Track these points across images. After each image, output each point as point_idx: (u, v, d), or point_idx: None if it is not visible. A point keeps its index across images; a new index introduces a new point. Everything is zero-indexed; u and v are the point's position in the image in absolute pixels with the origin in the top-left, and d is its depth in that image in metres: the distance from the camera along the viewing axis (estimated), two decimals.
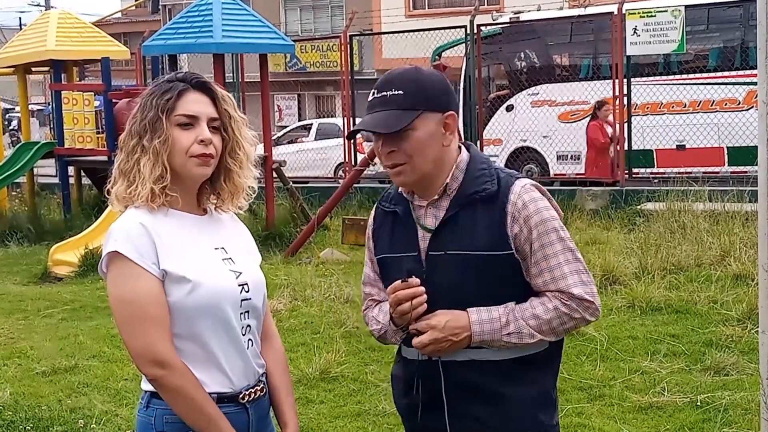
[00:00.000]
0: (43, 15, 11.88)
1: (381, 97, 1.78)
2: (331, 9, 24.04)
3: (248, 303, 1.81)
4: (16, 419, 4.03)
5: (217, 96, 1.82)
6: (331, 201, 8.44)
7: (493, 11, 15.01)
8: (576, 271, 1.77)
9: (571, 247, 1.80)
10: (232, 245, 1.85)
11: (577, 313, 1.76)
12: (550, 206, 1.80)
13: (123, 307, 1.72)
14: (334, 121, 16.07)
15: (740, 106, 10.95)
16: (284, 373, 1.92)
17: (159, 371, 1.70)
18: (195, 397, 1.71)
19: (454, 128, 1.81)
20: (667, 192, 7.91)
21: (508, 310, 1.76)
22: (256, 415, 1.83)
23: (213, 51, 8.24)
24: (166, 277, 1.72)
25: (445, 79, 1.83)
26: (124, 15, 31.59)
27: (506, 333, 1.73)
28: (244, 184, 1.86)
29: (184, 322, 1.74)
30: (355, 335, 5.23)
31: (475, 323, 1.74)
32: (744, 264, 5.97)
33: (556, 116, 12.10)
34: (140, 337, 1.70)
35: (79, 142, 9.96)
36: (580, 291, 1.76)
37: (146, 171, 1.74)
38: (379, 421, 3.93)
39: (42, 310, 6.43)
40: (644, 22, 10.29)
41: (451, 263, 1.76)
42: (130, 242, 1.71)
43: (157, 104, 1.77)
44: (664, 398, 4.00)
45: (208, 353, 1.75)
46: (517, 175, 1.82)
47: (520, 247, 1.76)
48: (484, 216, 1.76)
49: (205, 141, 1.77)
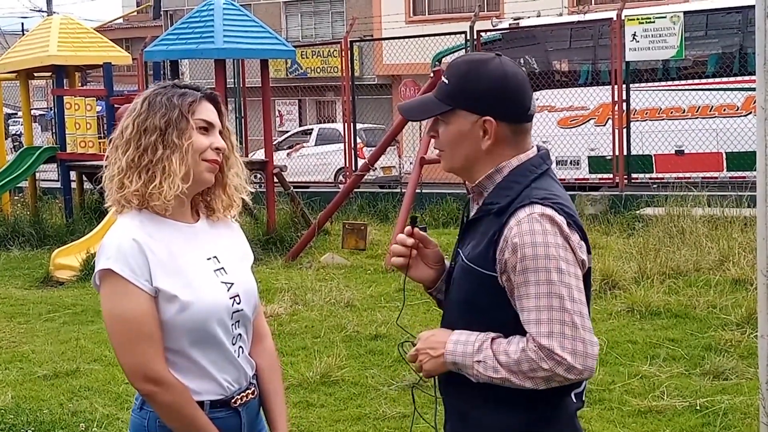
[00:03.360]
0: (46, 20, 11.93)
1: (441, 80, 1.76)
2: (331, 15, 24.11)
3: (239, 314, 1.84)
4: (17, 423, 4.04)
5: (221, 111, 1.87)
6: (331, 206, 8.46)
7: (493, 17, 15.05)
8: (553, 321, 1.57)
9: (561, 293, 1.58)
10: (225, 252, 1.86)
11: (545, 363, 1.57)
12: (555, 244, 1.59)
13: (117, 325, 1.73)
14: (335, 126, 16.10)
15: (739, 111, 10.98)
16: (274, 374, 1.95)
17: (152, 388, 1.72)
18: (187, 414, 1.75)
19: (495, 135, 1.68)
20: (666, 197, 7.93)
21: (486, 337, 1.65)
22: (248, 417, 1.86)
23: (214, 57, 8.28)
24: (159, 294, 1.74)
25: (505, 81, 1.67)
26: (126, 21, 31.68)
27: (476, 360, 1.63)
28: (237, 196, 1.89)
29: (176, 338, 1.76)
30: (356, 339, 5.25)
31: (450, 341, 1.67)
32: (743, 269, 5.99)
33: (556, 122, 12.13)
34: (134, 355, 1.72)
35: (81, 147, 10.00)
36: (548, 342, 1.57)
37: (176, 167, 1.75)
38: (379, 425, 3.95)
39: (44, 314, 6.45)
40: (643, 28, 10.33)
41: (459, 265, 1.75)
42: (124, 260, 1.72)
43: (180, 103, 1.78)
44: (664, 402, 4.02)
45: (199, 366, 1.78)
46: (536, 200, 1.63)
47: (509, 275, 1.62)
48: (489, 230, 1.66)
49: (219, 149, 1.81)
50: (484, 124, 1.68)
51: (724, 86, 11.13)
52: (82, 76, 12.83)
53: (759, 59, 2.74)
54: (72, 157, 10.13)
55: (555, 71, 12.79)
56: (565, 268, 1.59)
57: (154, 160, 1.76)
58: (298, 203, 9.34)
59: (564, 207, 1.65)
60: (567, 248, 1.61)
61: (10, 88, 15.67)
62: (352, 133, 12.41)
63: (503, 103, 1.68)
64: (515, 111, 1.69)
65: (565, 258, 1.60)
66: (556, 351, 1.57)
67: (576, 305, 1.59)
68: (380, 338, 5.25)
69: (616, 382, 4.32)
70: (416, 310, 5.70)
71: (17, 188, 11.29)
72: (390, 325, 5.45)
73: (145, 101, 1.81)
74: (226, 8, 8.33)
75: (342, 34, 14.53)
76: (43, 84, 20.32)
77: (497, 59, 1.70)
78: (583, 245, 1.65)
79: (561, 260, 1.59)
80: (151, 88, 1.86)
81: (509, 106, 1.68)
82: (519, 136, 1.71)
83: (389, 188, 12.28)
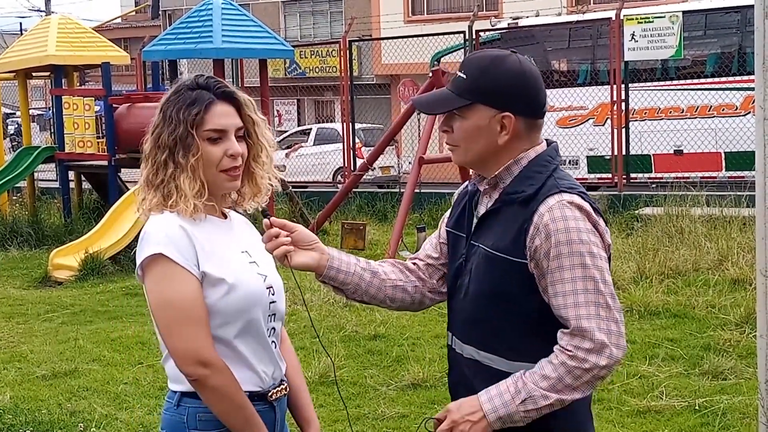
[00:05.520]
0: (44, 20, 11.92)
1: (455, 74, 1.75)
2: (330, 15, 24.10)
3: (275, 306, 1.86)
4: (16, 423, 4.04)
5: (241, 104, 1.82)
6: (330, 205, 8.46)
7: (491, 17, 15.06)
8: (589, 303, 1.62)
9: (595, 276, 1.63)
10: (254, 248, 1.88)
11: (587, 363, 1.61)
12: (586, 229, 1.64)
13: (167, 310, 1.73)
14: (333, 126, 16.10)
15: (737, 111, 10.99)
16: (300, 373, 1.98)
17: (204, 371, 1.71)
18: (235, 398, 1.74)
19: (512, 130, 1.70)
20: (665, 197, 7.93)
21: (515, 378, 1.66)
22: (281, 412, 1.88)
23: (213, 56, 8.29)
24: (205, 278, 1.75)
25: (524, 77, 1.70)
26: (125, 20, 31.66)
27: (520, 401, 1.63)
28: (266, 184, 1.89)
29: (218, 324, 1.76)
30: (354, 339, 5.25)
31: (484, 401, 1.65)
32: (742, 268, 5.99)
33: (554, 121, 12.13)
34: (185, 338, 1.72)
35: (79, 146, 9.98)
36: (588, 324, 1.61)
37: (186, 187, 1.75)
38: (378, 425, 3.94)
39: (42, 314, 6.44)
40: (642, 28, 10.34)
41: (479, 256, 1.74)
42: (173, 244, 1.72)
43: (185, 118, 1.76)
44: (663, 402, 4.02)
45: (238, 354, 1.78)
46: (563, 188, 1.67)
47: (539, 261, 1.65)
48: (516, 218, 1.68)
49: (234, 155, 1.78)
50: (502, 120, 1.70)
51: (722, 86, 11.14)
52: (80, 76, 12.82)
53: (758, 59, 2.74)
54: (70, 156, 10.12)
55: (554, 71, 12.79)
56: (596, 252, 1.65)
57: (166, 178, 1.77)
58: (297, 203, 9.35)
59: (587, 196, 1.71)
60: (596, 233, 1.67)
61: (9, 88, 15.66)
62: (350, 133, 12.41)
63: (521, 99, 1.71)
64: (532, 106, 1.73)
65: (595, 243, 1.65)
66: (594, 333, 1.61)
67: (608, 287, 1.65)
68: (379, 338, 5.25)
69: (614, 381, 4.32)
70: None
71: (15, 188, 11.28)
72: (389, 325, 5.45)
73: (161, 112, 1.80)
74: (225, 8, 8.33)
75: (341, 33, 14.52)
76: (41, 84, 20.33)
77: (514, 56, 1.73)
78: (607, 231, 1.71)
79: (592, 245, 1.65)
80: (170, 91, 1.83)
81: (527, 101, 1.72)
82: (533, 131, 1.75)
83: (388, 188, 12.28)
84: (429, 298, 1.92)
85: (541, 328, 1.68)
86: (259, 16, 14.73)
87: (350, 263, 1.86)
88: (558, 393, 1.63)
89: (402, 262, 1.95)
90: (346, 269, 1.85)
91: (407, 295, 1.89)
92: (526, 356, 1.69)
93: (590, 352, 1.62)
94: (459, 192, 1.92)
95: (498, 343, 1.71)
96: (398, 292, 1.88)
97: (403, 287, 1.89)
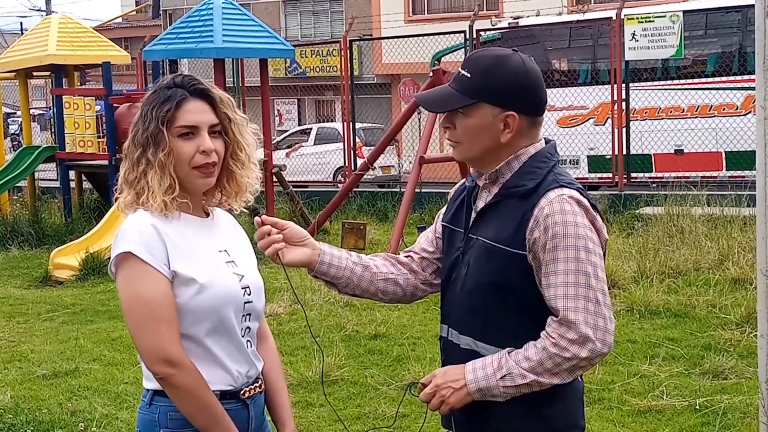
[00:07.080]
0: (44, 20, 11.92)
1: (457, 72, 1.77)
2: (330, 14, 24.09)
3: (250, 306, 1.85)
4: (16, 422, 4.04)
5: (215, 101, 1.82)
6: (330, 205, 8.46)
7: (492, 16, 15.05)
8: (578, 296, 1.65)
9: (588, 271, 1.66)
10: (234, 248, 1.88)
11: (567, 353, 1.65)
12: (584, 225, 1.68)
13: (135, 307, 1.74)
14: (334, 125, 16.10)
15: (738, 110, 10.99)
16: (279, 373, 1.97)
17: (169, 370, 1.72)
18: (202, 397, 1.74)
19: (515, 128, 1.73)
20: (665, 196, 7.93)
21: (501, 354, 1.71)
22: (255, 410, 1.87)
23: (213, 56, 8.28)
24: (176, 278, 1.75)
25: (527, 76, 1.73)
26: (125, 20, 31.66)
27: (500, 377, 1.68)
28: (247, 182, 1.88)
29: (189, 323, 1.77)
30: (355, 339, 5.25)
31: (468, 371, 1.71)
32: (742, 268, 5.99)
33: (555, 121, 12.13)
34: (151, 337, 1.72)
35: (80, 146, 9.99)
36: (575, 317, 1.64)
37: (155, 184, 1.76)
38: (378, 425, 3.94)
39: (43, 314, 6.44)
40: (642, 27, 10.33)
41: (478, 248, 1.77)
42: (143, 243, 1.73)
43: (157, 116, 1.77)
44: (663, 402, 4.02)
45: (209, 353, 1.79)
46: (563, 183, 1.72)
47: (537, 254, 1.69)
48: (517, 211, 1.72)
49: (206, 151, 1.78)
50: (506, 118, 1.73)
51: (723, 85, 11.13)
52: (81, 76, 12.84)
53: (758, 58, 2.74)
54: (71, 156, 10.13)
55: (554, 70, 12.79)
56: (591, 248, 1.68)
57: (138, 175, 1.78)
58: (298, 203, 9.35)
59: (584, 192, 1.75)
60: (593, 229, 1.70)
61: (9, 88, 15.66)
62: (351, 133, 12.41)
63: (525, 98, 1.74)
64: (535, 105, 1.77)
65: (591, 238, 1.69)
66: (580, 326, 1.65)
67: (599, 283, 1.68)
68: (379, 338, 5.25)
69: (615, 381, 4.32)
70: (415, 310, 5.70)
71: (16, 188, 11.29)
72: (389, 324, 5.45)
73: (140, 111, 1.82)
74: (226, 7, 8.32)
75: (341, 33, 14.53)
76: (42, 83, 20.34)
77: (517, 55, 1.76)
78: (604, 227, 1.75)
79: (588, 240, 1.68)
80: (149, 91, 1.86)
81: (530, 100, 1.75)
82: (534, 128, 1.78)
83: (388, 187, 12.28)
84: (421, 290, 1.95)
85: (540, 319, 1.71)
86: (259, 16, 14.74)
87: (341, 258, 1.89)
88: (536, 375, 1.67)
89: (394, 256, 1.97)
90: (337, 264, 1.87)
91: (399, 287, 1.92)
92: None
93: (573, 343, 1.66)
94: (456, 188, 1.95)
95: (496, 333, 1.75)
96: (390, 285, 1.91)
97: (395, 280, 1.92)
